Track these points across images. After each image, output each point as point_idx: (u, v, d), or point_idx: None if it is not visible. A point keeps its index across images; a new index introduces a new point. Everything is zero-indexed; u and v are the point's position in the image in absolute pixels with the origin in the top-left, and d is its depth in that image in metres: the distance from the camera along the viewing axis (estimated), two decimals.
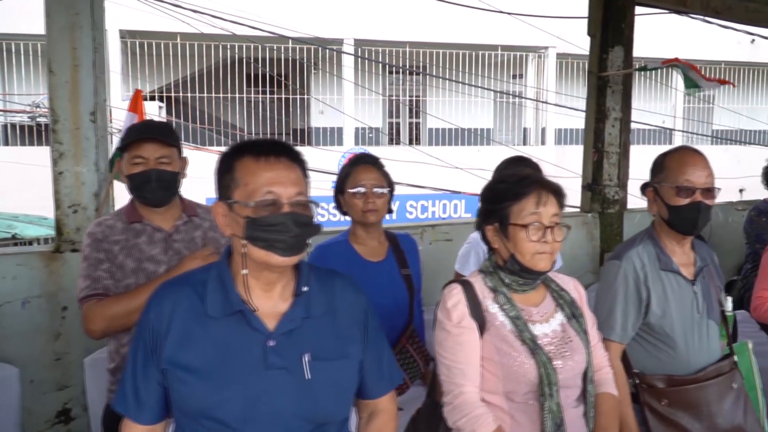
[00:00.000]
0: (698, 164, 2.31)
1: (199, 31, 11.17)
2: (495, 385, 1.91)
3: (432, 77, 15.44)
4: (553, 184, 1.99)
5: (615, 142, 4.62)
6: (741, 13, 5.18)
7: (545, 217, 1.92)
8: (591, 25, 4.57)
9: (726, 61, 17.00)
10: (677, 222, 2.33)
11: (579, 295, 2.10)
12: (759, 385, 2.49)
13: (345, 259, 2.73)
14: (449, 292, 1.97)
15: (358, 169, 2.75)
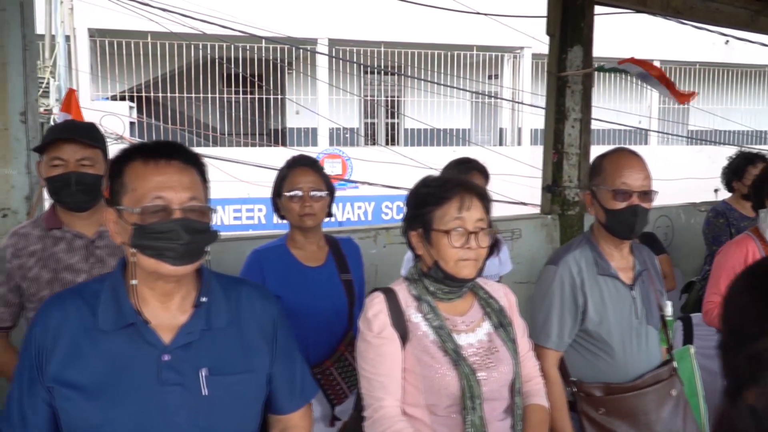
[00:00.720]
0: (635, 167, 2.25)
1: (168, 30, 11.02)
2: (417, 398, 1.84)
3: (408, 78, 15.38)
4: (478, 188, 1.92)
5: (575, 143, 4.56)
6: (702, 13, 5.15)
7: (469, 222, 1.84)
8: (549, 24, 4.52)
9: (700, 62, 17.10)
10: (614, 226, 2.28)
11: (509, 302, 2.03)
12: (701, 392, 2.44)
13: (282, 264, 2.66)
14: (371, 301, 1.89)
15: (294, 171, 2.67)
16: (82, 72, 11.92)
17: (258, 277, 2.62)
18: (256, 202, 13.49)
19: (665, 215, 5.17)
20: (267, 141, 15.73)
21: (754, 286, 0.99)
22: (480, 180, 2.98)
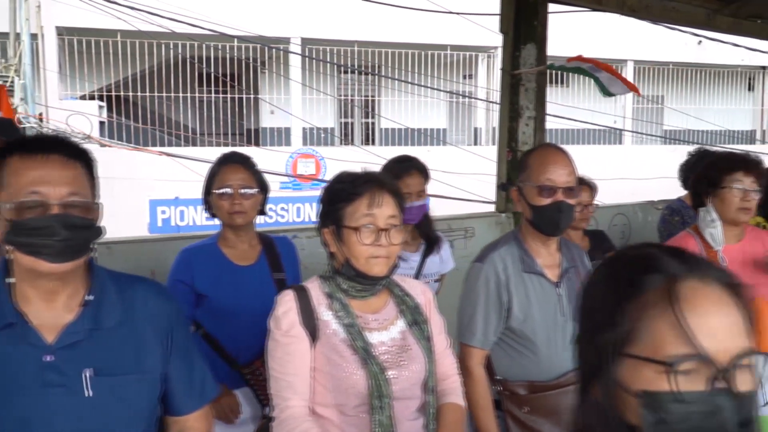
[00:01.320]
0: (559, 163, 2.23)
1: (136, 29, 10.91)
2: (325, 398, 1.80)
3: (383, 77, 15.35)
4: (390, 185, 1.88)
5: (529, 141, 4.55)
6: (658, 12, 5.16)
7: (380, 219, 1.81)
8: (503, 22, 4.50)
9: (674, 62, 17.22)
10: (540, 222, 2.26)
11: (426, 300, 2.00)
12: None
13: (211, 263, 2.62)
14: (281, 300, 1.85)
15: (224, 168, 2.63)
16: (50, 71, 11.77)
17: (187, 275, 2.59)
18: None
19: (622, 213, 5.18)
20: (241, 141, 15.62)
21: (609, 276, 0.97)
22: (419, 179, 2.96)
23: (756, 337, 2.50)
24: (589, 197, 3.79)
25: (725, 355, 0.84)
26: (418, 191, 2.94)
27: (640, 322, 0.88)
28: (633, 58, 16.75)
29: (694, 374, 0.84)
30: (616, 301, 0.92)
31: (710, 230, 2.84)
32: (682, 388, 0.84)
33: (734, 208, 2.77)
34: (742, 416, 0.84)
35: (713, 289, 0.89)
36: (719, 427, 0.83)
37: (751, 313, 0.92)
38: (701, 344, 0.84)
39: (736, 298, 0.90)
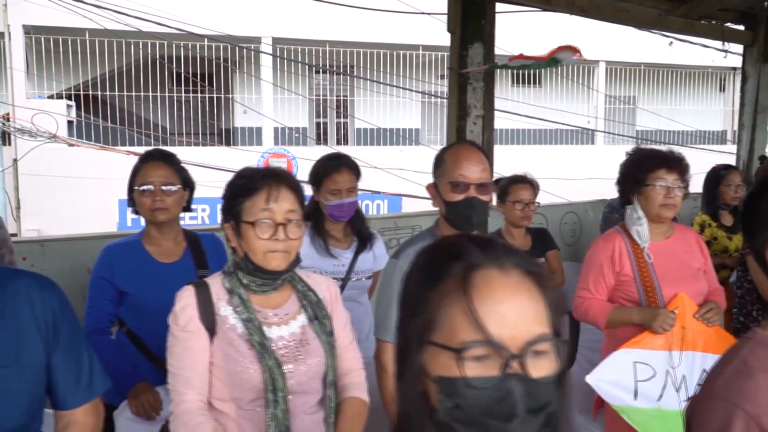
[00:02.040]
0: (472, 159, 2.25)
1: (103, 27, 10.83)
2: (222, 392, 1.81)
3: (355, 78, 15.35)
4: (290, 179, 1.89)
5: (477, 140, 4.56)
6: (609, 12, 5.21)
7: (278, 214, 1.82)
8: (450, 21, 4.52)
9: (645, 63, 17.38)
10: (453, 218, 2.27)
11: (331, 295, 2.01)
12: None
13: (133, 260, 2.61)
14: (180, 295, 1.86)
15: (146, 165, 2.62)
16: (17, 70, 11.65)
17: (107, 272, 2.58)
18: (200, 202, 13.31)
19: (572, 211, 5.22)
20: (216, 141, 15.56)
21: (420, 265, 0.99)
22: (349, 176, 2.97)
23: (680, 333, 2.51)
24: (531, 195, 3.82)
25: (517, 342, 0.86)
26: (348, 188, 2.95)
27: (438, 309, 0.89)
28: (605, 59, 16.87)
29: (488, 360, 0.85)
30: (421, 288, 0.93)
31: (636, 228, 2.88)
32: (476, 374, 0.85)
33: (658, 205, 2.80)
34: (533, 402, 0.85)
35: (511, 277, 0.90)
36: (509, 411, 0.84)
37: (555, 300, 0.94)
38: (490, 331, 0.85)
39: (536, 286, 0.91)
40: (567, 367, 0.94)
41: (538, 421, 0.86)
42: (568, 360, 2.86)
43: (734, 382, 1.30)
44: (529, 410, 0.85)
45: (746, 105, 6.32)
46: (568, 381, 0.95)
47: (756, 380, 1.28)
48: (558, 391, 0.91)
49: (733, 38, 6.18)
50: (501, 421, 0.84)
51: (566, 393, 0.94)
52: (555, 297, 0.94)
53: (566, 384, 0.94)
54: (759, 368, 1.30)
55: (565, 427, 0.95)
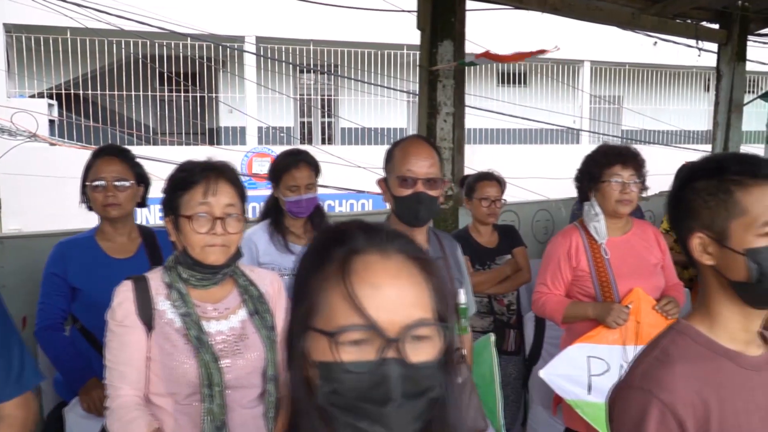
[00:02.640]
0: (421, 154, 2.25)
1: (84, 26, 10.77)
2: (159, 387, 1.80)
3: (340, 77, 15.34)
4: (230, 173, 1.89)
5: (448, 138, 4.58)
6: (581, 11, 5.23)
7: (216, 208, 1.82)
8: (420, 18, 4.52)
9: (630, 63, 17.44)
10: (401, 212, 2.28)
11: (274, 290, 2.00)
12: (497, 380, 2.45)
13: (86, 256, 2.60)
14: (117, 290, 1.85)
15: (99, 161, 2.61)
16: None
17: (60, 268, 2.57)
18: None
19: (545, 209, 5.23)
20: (200, 140, 15.51)
21: (308, 251, 0.98)
22: (308, 172, 2.96)
23: (634, 328, 2.51)
24: (497, 193, 3.82)
25: (394, 326, 0.85)
26: (306, 184, 2.95)
27: (319, 294, 0.89)
28: (589, 58, 16.93)
29: (365, 345, 0.85)
30: (305, 274, 0.93)
31: (594, 224, 2.89)
32: (353, 358, 0.85)
33: (614, 200, 2.81)
34: (411, 386, 0.85)
35: (392, 261, 0.90)
36: (384, 396, 0.84)
37: (442, 286, 0.94)
38: (368, 314, 0.85)
39: (420, 271, 0.91)
40: (454, 352, 0.94)
41: (417, 406, 0.86)
42: (533, 356, 2.87)
43: (652, 372, 1.30)
44: (406, 395, 0.85)
45: (720, 104, 6.35)
46: (455, 366, 0.95)
47: (674, 369, 1.29)
48: (443, 376, 0.91)
49: (707, 37, 6.21)
50: (376, 405, 0.84)
51: (454, 378, 0.95)
52: (442, 283, 0.94)
53: (453, 369, 0.94)
54: (678, 357, 1.31)
55: (455, 411, 0.95)
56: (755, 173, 1.28)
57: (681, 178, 1.40)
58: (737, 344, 1.33)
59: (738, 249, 1.27)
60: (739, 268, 1.28)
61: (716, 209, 1.30)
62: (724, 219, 1.29)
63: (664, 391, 1.25)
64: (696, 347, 1.32)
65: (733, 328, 1.33)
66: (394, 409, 0.84)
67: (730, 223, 1.29)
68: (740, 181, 1.28)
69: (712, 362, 1.30)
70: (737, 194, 1.28)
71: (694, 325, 1.36)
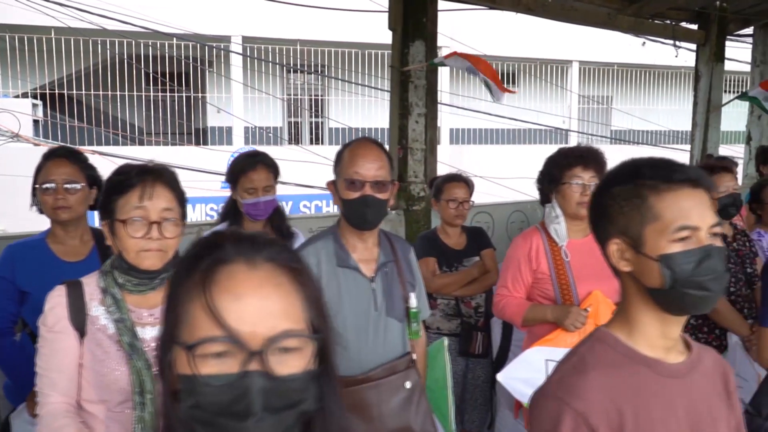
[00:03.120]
0: (369, 156, 2.22)
1: (67, 26, 10.71)
2: (91, 393, 1.77)
3: (328, 77, 15.30)
4: (168, 176, 1.86)
5: (420, 138, 4.56)
6: (556, 11, 5.22)
7: (153, 212, 1.78)
8: (391, 19, 4.51)
9: (618, 63, 17.46)
10: (349, 215, 2.25)
11: None
12: (450, 384, 2.43)
13: (36, 259, 2.56)
14: (50, 295, 1.82)
15: (49, 163, 2.57)
16: None
17: (8, 272, 2.53)
18: None
19: (520, 210, 5.22)
20: (188, 140, 15.46)
21: (180, 261, 0.96)
22: (265, 174, 2.94)
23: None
24: (465, 194, 3.80)
25: (257, 338, 0.83)
26: (264, 186, 2.92)
27: (183, 306, 0.87)
28: (578, 58, 16.94)
29: (228, 357, 0.83)
30: (173, 285, 0.91)
31: (554, 226, 2.87)
32: (215, 371, 0.82)
33: (574, 202, 2.79)
34: (277, 400, 0.83)
35: (258, 271, 0.87)
36: (245, 410, 0.81)
37: (316, 296, 0.91)
38: (229, 326, 0.82)
39: (290, 281, 0.89)
40: (330, 364, 0.92)
41: (283, 420, 0.84)
42: (501, 359, 2.84)
43: (567, 380, 1.28)
44: (269, 408, 0.82)
45: (699, 104, 6.35)
46: (332, 378, 0.92)
47: (588, 378, 1.26)
48: (318, 388, 0.88)
49: (685, 38, 6.21)
50: (236, 420, 0.81)
51: (333, 388, 0.92)
52: (316, 293, 0.92)
53: (332, 380, 0.92)
54: (594, 365, 1.29)
55: (336, 422, 0.92)
56: (668, 178, 1.26)
57: (600, 184, 1.38)
58: (656, 351, 1.31)
59: (652, 255, 1.25)
60: (653, 274, 1.26)
61: (631, 215, 1.28)
62: (639, 225, 1.27)
63: (578, 400, 1.23)
64: (613, 355, 1.30)
65: (652, 335, 1.31)
66: (254, 424, 0.81)
67: (645, 229, 1.27)
68: (654, 186, 1.26)
69: (629, 370, 1.28)
70: (651, 199, 1.26)
71: (613, 332, 1.34)
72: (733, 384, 1.41)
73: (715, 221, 1.27)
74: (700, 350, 1.38)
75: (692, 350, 1.36)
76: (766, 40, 6.53)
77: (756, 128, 6.64)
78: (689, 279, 1.23)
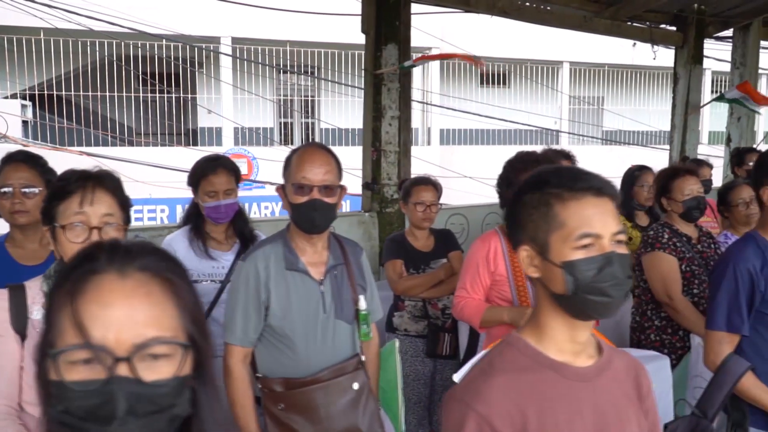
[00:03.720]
0: (316, 161, 2.25)
1: (54, 26, 10.72)
2: (31, 395, 1.79)
3: (317, 79, 15.32)
4: (110, 182, 1.88)
5: (393, 141, 4.59)
6: (532, 14, 5.25)
7: (93, 218, 1.81)
8: (364, 22, 4.54)
9: (609, 64, 17.50)
10: (298, 220, 2.28)
11: None
12: (400, 385, 2.46)
13: None
14: None
15: (7, 167, 2.60)
16: None
17: None
18: (159, 203, 13.26)
19: (495, 212, 5.24)
20: (180, 141, 15.47)
21: (60, 271, 0.99)
22: (226, 177, 2.96)
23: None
24: (433, 197, 3.83)
25: (123, 345, 0.86)
26: (225, 190, 2.94)
27: (55, 314, 0.90)
28: (568, 59, 16.98)
29: (96, 364, 0.86)
30: (51, 294, 0.94)
31: None
32: (81, 377, 0.86)
33: None
34: (144, 405, 0.86)
35: (128, 281, 0.90)
36: (109, 414, 0.84)
37: (191, 304, 0.94)
38: (93, 334, 0.85)
39: (163, 290, 0.92)
40: (206, 370, 0.94)
41: (151, 424, 0.86)
42: (468, 360, 2.86)
43: (473, 383, 1.31)
44: (135, 413, 0.85)
45: (677, 106, 6.39)
46: (208, 384, 0.95)
47: (493, 381, 1.29)
48: (190, 393, 0.91)
49: (663, 40, 6.25)
50: (100, 424, 0.84)
51: (208, 393, 0.95)
52: (192, 301, 0.94)
53: (206, 385, 0.95)
54: (501, 369, 1.32)
55: (210, 425, 0.95)
56: (572, 187, 1.29)
57: (514, 192, 1.40)
58: (565, 355, 1.34)
59: (556, 261, 1.28)
60: (558, 280, 1.28)
61: (538, 222, 1.31)
62: (545, 232, 1.30)
63: (481, 403, 1.26)
64: (522, 359, 1.33)
65: (560, 340, 1.34)
66: (117, 427, 0.84)
67: (550, 236, 1.29)
68: (559, 195, 1.29)
69: (536, 374, 1.30)
70: (556, 207, 1.29)
71: (524, 336, 1.37)
72: (646, 387, 1.44)
73: (619, 229, 1.30)
74: (612, 354, 1.41)
75: (603, 354, 1.38)
76: (745, 42, 6.57)
77: (735, 130, 6.68)
78: (590, 285, 1.26)
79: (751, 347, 2.37)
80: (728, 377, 2.33)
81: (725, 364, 2.34)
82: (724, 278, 2.37)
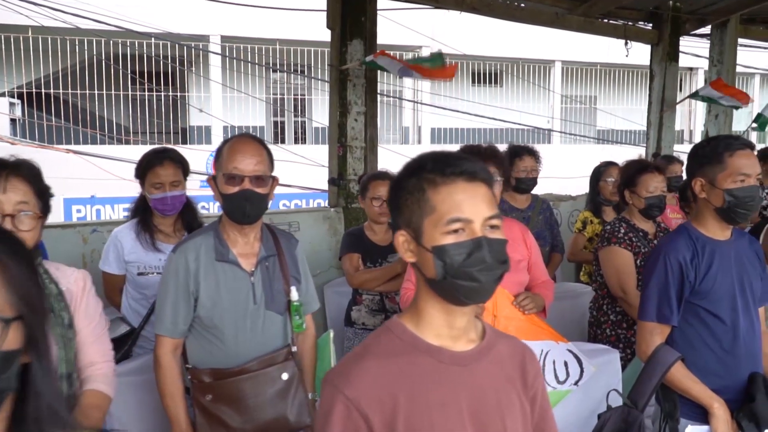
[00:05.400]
0: (247, 152, 2.25)
1: (40, 25, 10.74)
2: None
3: (306, 77, 15.33)
4: (26, 170, 1.89)
5: (359, 137, 4.60)
6: (502, 10, 5.25)
7: (7, 205, 1.82)
8: (329, 18, 4.54)
9: (601, 63, 17.49)
10: (229, 210, 2.28)
11: (78, 287, 2.00)
12: None
13: None
14: None
15: None
16: None
17: None
18: None
19: None
20: (169, 140, 15.48)
21: None
22: (173, 169, 2.97)
23: (491, 322, 2.53)
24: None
25: None
26: (172, 182, 2.95)
27: None
28: (561, 58, 16.98)
29: None
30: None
31: None
32: None
33: None
34: None
35: None
36: None
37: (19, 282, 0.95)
38: None
39: None
40: (40, 346, 0.95)
41: None
42: None
43: (345, 367, 1.32)
44: None
45: (653, 103, 6.39)
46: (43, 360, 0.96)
47: (364, 364, 1.30)
48: (18, 369, 0.92)
49: (637, 37, 6.26)
50: None
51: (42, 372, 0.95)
52: (22, 279, 0.95)
53: (40, 363, 0.95)
54: (374, 353, 1.32)
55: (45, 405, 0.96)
56: (443, 172, 1.29)
57: (395, 177, 1.41)
58: (442, 340, 1.34)
59: (427, 246, 1.29)
60: (429, 265, 1.29)
61: (413, 207, 1.31)
62: (419, 217, 1.30)
63: (349, 387, 1.26)
64: (398, 343, 1.33)
65: (437, 324, 1.34)
66: None
67: (423, 221, 1.30)
68: (432, 180, 1.30)
69: (410, 358, 1.31)
70: (429, 192, 1.29)
71: (403, 321, 1.37)
72: (533, 373, 1.44)
73: (492, 213, 1.30)
74: (497, 338, 1.42)
75: (485, 338, 1.39)
76: (722, 39, 6.57)
77: (713, 127, 6.68)
78: (459, 270, 1.26)
79: (681, 338, 2.38)
80: (658, 367, 2.34)
81: (655, 355, 2.35)
82: (655, 269, 2.38)
